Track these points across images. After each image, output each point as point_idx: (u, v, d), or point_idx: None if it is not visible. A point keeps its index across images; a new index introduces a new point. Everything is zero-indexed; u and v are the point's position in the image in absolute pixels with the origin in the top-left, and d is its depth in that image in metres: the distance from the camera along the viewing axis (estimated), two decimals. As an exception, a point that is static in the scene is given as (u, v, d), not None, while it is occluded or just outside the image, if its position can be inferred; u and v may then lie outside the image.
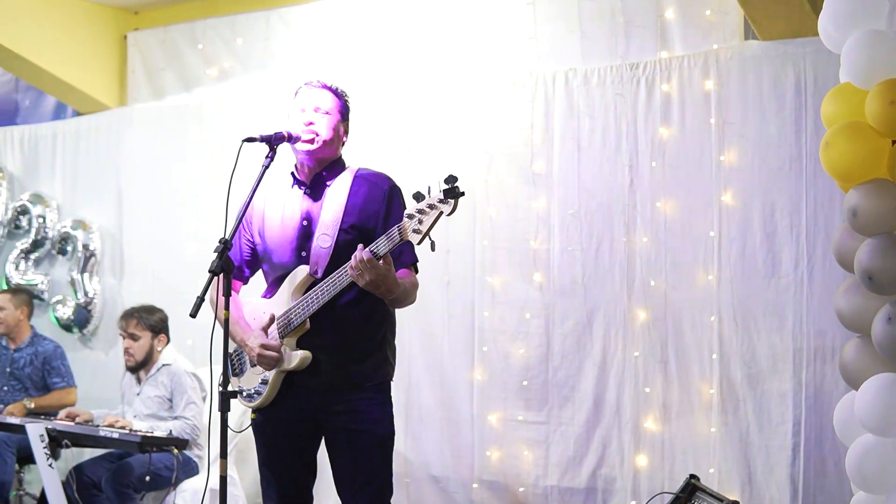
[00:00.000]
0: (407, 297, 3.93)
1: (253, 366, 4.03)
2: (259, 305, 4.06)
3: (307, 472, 4.14)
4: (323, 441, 4.10)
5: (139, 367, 6.18)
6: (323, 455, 4.06)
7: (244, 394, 4.06)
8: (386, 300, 3.85)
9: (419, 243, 3.56)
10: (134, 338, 6.14)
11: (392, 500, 4.05)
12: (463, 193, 3.47)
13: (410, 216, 3.54)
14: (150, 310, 6.25)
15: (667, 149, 5.32)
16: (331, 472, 4.04)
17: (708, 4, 5.31)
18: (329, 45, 6.44)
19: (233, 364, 4.14)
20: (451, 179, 3.49)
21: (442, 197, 3.49)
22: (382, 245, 3.63)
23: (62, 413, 6.26)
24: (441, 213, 3.51)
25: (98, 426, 5.92)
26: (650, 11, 5.44)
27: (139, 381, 6.21)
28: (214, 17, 7.03)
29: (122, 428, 5.82)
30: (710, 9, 5.29)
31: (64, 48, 7.29)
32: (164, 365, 6.14)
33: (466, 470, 5.85)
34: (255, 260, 4.14)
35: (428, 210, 3.51)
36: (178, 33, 7.18)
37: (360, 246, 3.66)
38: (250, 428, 4.11)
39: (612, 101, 5.46)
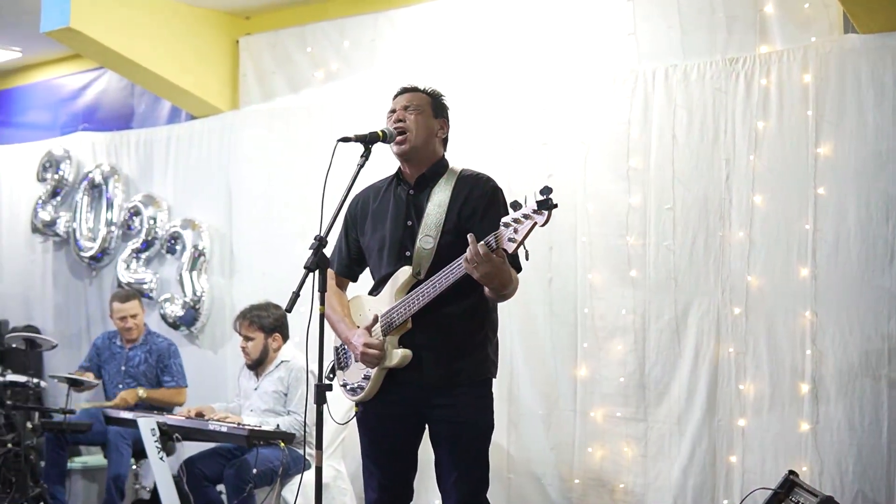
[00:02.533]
0: (511, 291, 4.17)
1: (357, 360, 4.36)
2: (364, 303, 4.42)
3: (407, 465, 4.45)
4: (426, 434, 4.41)
5: (256, 364, 6.58)
6: (425, 450, 4.40)
7: (348, 387, 4.42)
8: (497, 294, 4.11)
9: (513, 252, 3.86)
10: (247, 338, 6.55)
11: (494, 496, 4.37)
12: (556, 205, 3.75)
13: (507, 225, 3.82)
14: (265, 308, 6.60)
15: (764, 142, 5.52)
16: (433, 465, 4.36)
17: (807, -2, 5.50)
18: (433, 45, 6.85)
19: (339, 358, 4.50)
20: (546, 191, 3.76)
21: (536, 208, 3.75)
22: (492, 242, 3.89)
23: (184, 410, 6.69)
24: (535, 223, 3.77)
25: (208, 420, 6.34)
26: (749, 6, 5.64)
27: (257, 376, 6.61)
28: (324, 20, 7.48)
29: (231, 422, 6.23)
30: (809, 2, 5.47)
31: (179, 55, 7.83)
32: (282, 361, 6.52)
33: (567, 467, 6.13)
34: (363, 258, 4.50)
35: (523, 220, 3.78)
36: (287, 37, 7.67)
37: (471, 237, 3.91)
38: (354, 421, 4.47)
39: (711, 96, 5.68)
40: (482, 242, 3.90)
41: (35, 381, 7.74)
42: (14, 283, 9.67)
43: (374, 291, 4.42)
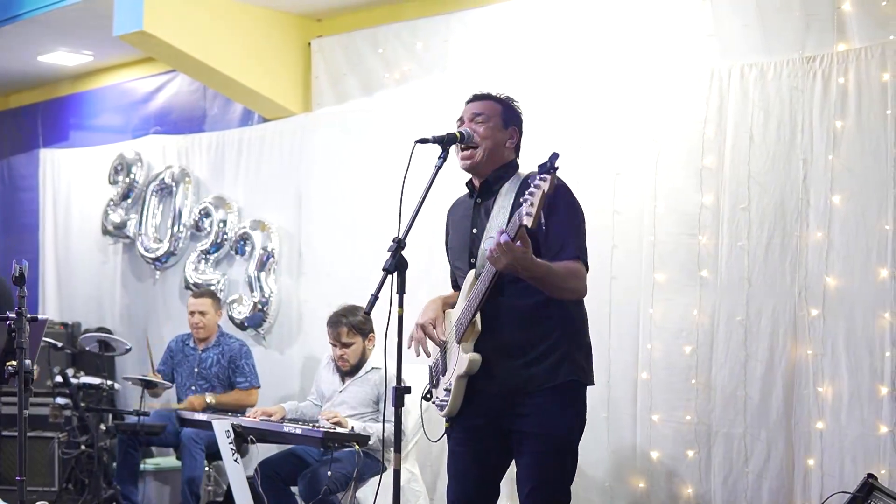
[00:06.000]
0: (560, 281, 4.21)
1: (443, 373, 4.46)
2: (448, 316, 4.52)
3: (486, 487, 4.50)
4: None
5: (354, 369, 6.72)
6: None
7: (436, 403, 4.52)
8: (533, 283, 4.16)
9: (533, 226, 3.89)
10: (347, 345, 6.67)
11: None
12: (556, 168, 3.84)
13: (525, 199, 3.89)
14: (353, 312, 6.69)
15: (842, 142, 5.56)
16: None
17: (884, -6, 5.54)
18: (506, 45, 6.97)
19: (432, 377, 4.59)
20: (553, 157, 3.86)
21: (539, 174, 3.85)
22: (511, 229, 3.99)
23: (254, 411, 6.83)
24: (543, 191, 3.83)
25: (282, 423, 6.49)
26: (827, 4, 5.68)
27: (343, 379, 6.76)
28: (395, 22, 7.64)
29: (332, 419, 6.33)
30: (887, 0, 5.50)
31: (251, 57, 8.04)
32: (373, 368, 6.65)
33: (631, 471, 6.23)
34: None
35: (535, 191, 3.85)
36: (360, 39, 7.85)
37: (499, 230, 4.04)
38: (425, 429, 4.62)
39: (788, 95, 5.73)
40: (505, 232, 3.98)
41: (109, 383, 7.98)
42: (86, 285, 9.97)
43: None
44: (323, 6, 7.99)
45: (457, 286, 4.62)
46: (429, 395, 4.56)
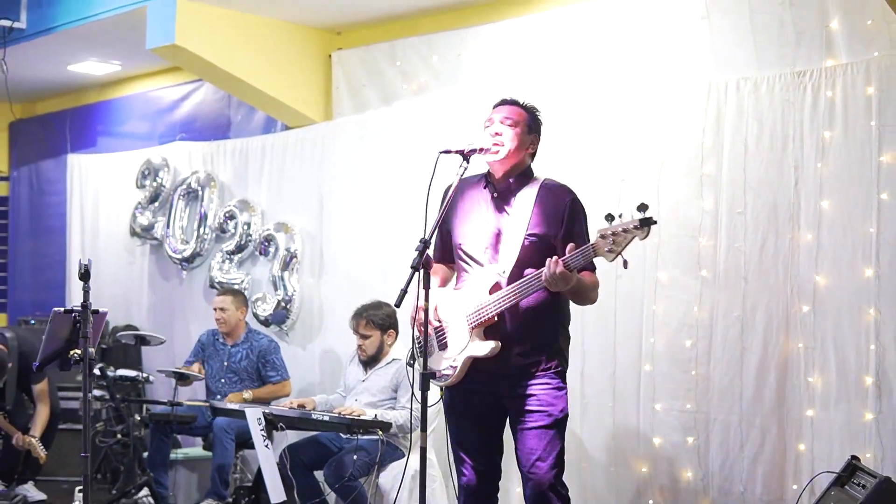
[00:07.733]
0: (587, 293, 4.71)
1: (441, 349, 4.85)
2: (449, 297, 4.91)
3: (494, 449, 4.95)
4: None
5: (372, 360, 7.11)
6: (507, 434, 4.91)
7: (437, 376, 4.87)
8: (568, 295, 4.67)
9: (612, 261, 4.35)
10: (364, 337, 7.09)
11: (567, 483, 4.82)
12: (655, 222, 4.27)
13: (604, 237, 4.30)
14: (377, 307, 7.10)
15: (830, 151, 5.88)
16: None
17: (870, 15, 5.83)
18: (518, 59, 7.29)
19: (421, 345, 4.90)
20: (644, 208, 4.26)
21: (638, 224, 4.26)
22: (577, 261, 4.40)
23: (289, 402, 7.21)
24: (635, 237, 4.28)
25: (311, 410, 6.88)
26: (816, 22, 6.00)
27: (366, 370, 7.14)
28: (413, 36, 7.97)
29: (351, 414, 6.67)
30: (872, 19, 5.82)
31: (275, 68, 8.37)
32: (394, 359, 7.07)
33: (634, 457, 6.56)
34: (449, 245, 5.02)
35: (623, 234, 4.27)
36: (378, 52, 8.18)
37: (552, 260, 4.42)
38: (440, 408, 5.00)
39: (780, 107, 6.05)
40: (561, 262, 4.39)
41: (144, 375, 8.35)
42: (113, 284, 10.20)
43: (459, 286, 4.92)
44: (343, 20, 8.31)
45: (444, 260, 5.04)
46: (412, 361, 4.94)
